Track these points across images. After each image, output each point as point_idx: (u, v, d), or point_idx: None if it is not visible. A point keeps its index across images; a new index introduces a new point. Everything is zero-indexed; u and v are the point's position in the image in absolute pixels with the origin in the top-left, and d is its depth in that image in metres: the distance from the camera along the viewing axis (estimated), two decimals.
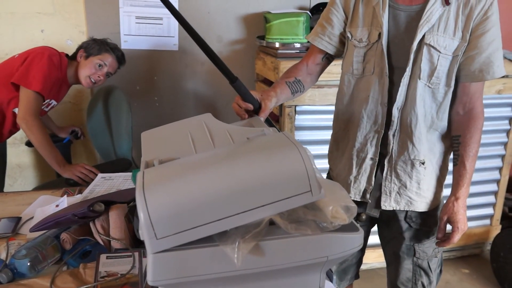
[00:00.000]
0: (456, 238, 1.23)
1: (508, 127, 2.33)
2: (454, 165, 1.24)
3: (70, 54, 1.88)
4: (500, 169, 2.40)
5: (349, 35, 1.24)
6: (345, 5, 1.25)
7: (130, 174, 1.51)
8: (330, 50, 1.29)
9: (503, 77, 2.16)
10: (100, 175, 1.55)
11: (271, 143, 0.73)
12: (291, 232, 0.68)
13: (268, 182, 0.65)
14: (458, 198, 1.22)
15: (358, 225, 0.75)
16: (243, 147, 0.74)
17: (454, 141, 1.24)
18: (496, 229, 2.47)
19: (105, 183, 1.46)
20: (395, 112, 1.19)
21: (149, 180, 0.67)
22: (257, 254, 0.67)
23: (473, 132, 1.20)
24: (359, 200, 1.31)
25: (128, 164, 1.82)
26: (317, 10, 2.25)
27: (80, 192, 1.43)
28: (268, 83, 2.15)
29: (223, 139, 0.84)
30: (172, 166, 0.72)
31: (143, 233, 0.64)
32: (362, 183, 1.29)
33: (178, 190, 0.64)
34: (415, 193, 1.26)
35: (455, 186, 1.23)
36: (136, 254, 1.02)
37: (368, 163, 1.27)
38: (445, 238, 1.25)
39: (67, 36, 2.14)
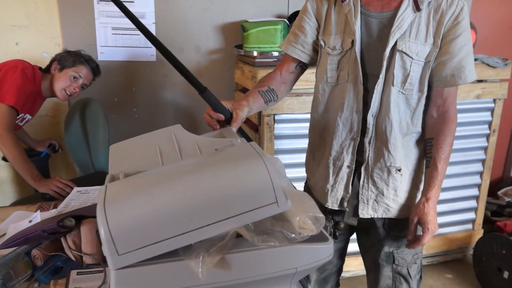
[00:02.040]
0: (426, 239, 1.20)
1: (488, 131, 2.36)
2: (426, 167, 1.24)
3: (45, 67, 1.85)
4: (481, 173, 2.42)
5: (322, 43, 1.24)
6: (317, 13, 1.25)
7: None
8: (304, 58, 1.29)
9: (481, 81, 2.22)
10: (75, 189, 1.52)
11: (237, 155, 0.72)
12: (258, 244, 0.67)
13: (232, 194, 0.64)
14: (429, 199, 1.20)
15: (327, 234, 0.74)
16: (208, 159, 0.73)
17: (428, 144, 1.24)
18: (479, 234, 2.48)
19: (80, 197, 1.43)
20: (370, 119, 1.20)
21: (111, 194, 0.66)
22: (223, 267, 0.66)
23: (446, 134, 1.20)
24: (337, 208, 1.30)
25: (105, 178, 1.79)
26: (294, 18, 2.22)
27: (55, 206, 1.40)
28: (247, 92, 2.14)
29: (191, 150, 0.83)
30: (135, 179, 0.70)
31: (105, 249, 0.62)
32: (340, 192, 1.28)
33: (140, 204, 0.63)
34: (392, 200, 1.26)
35: (426, 187, 1.22)
36: (108, 269, 0.99)
37: (344, 171, 1.26)
38: (415, 239, 1.23)
39: (43, 48, 2.11)
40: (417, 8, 1.13)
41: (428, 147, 1.24)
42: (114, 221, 0.61)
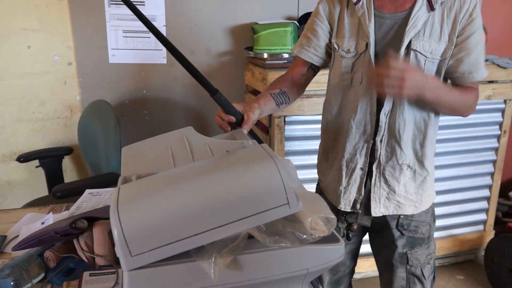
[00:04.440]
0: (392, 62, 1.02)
1: (498, 132, 2.34)
2: None
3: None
4: (491, 174, 2.40)
5: (335, 46, 1.24)
6: (329, 16, 1.25)
7: None
8: (316, 61, 1.30)
9: (492, 82, 2.20)
10: (87, 191, 1.54)
11: (248, 156, 0.73)
12: (270, 245, 0.67)
13: (244, 196, 0.65)
14: (428, 76, 1.12)
15: (338, 235, 0.74)
16: (220, 161, 0.74)
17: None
18: (490, 235, 2.46)
19: (92, 199, 1.44)
20: (383, 118, 1.20)
21: (124, 196, 0.66)
22: (235, 268, 0.66)
23: (468, 93, 1.17)
24: (350, 210, 1.30)
25: (116, 178, 1.81)
26: (304, 20, 2.26)
27: (67, 208, 1.41)
28: (258, 94, 2.14)
29: (203, 152, 0.83)
30: (148, 181, 0.71)
31: (118, 251, 0.63)
32: (352, 194, 1.28)
33: (152, 206, 0.63)
34: (403, 197, 1.26)
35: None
36: (120, 270, 1.00)
37: (358, 173, 1.26)
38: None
39: (54, 51, 2.14)
40: (431, 7, 1.13)
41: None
42: (127, 222, 0.62)
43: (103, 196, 1.48)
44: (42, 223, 1.27)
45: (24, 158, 2.10)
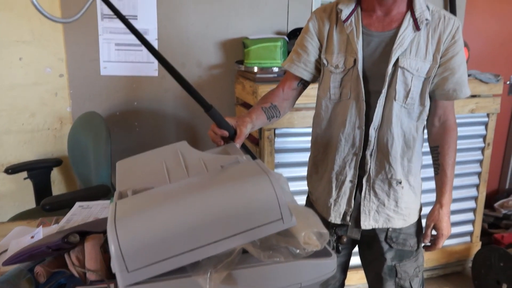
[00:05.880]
0: (441, 243, 1.32)
1: (482, 145, 2.40)
2: (435, 174, 1.33)
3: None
4: (477, 186, 2.45)
5: (325, 61, 1.28)
6: (319, 33, 1.29)
7: (108, 202, 1.49)
8: (306, 76, 1.33)
9: (475, 96, 2.27)
10: (77, 203, 1.53)
11: (242, 172, 0.74)
12: (264, 260, 0.69)
13: (239, 212, 0.66)
14: (443, 205, 1.31)
15: (330, 250, 0.76)
16: (215, 176, 0.75)
17: (434, 152, 1.33)
18: (477, 246, 2.50)
19: (82, 212, 1.43)
20: (372, 132, 1.23)
21: (121, 212, 0.67)
22: (230, 283, 0.67)
23: (450, 142, 1.29)
24: (340, 223, 1.32)
25: (106, 191, 1.81)
26: (294, 35, 2.31)
27: (57, 222, 1.40)
28: (248, 106, 2.17)
29: (197, 167, 0.85)
30: (144, 197, 0.72)
31: (114, 266, 0.64)
32: (342, 206, 1.31)
33: (149, 222, 0.64)
34: (393, 210, 1.29)
35: (439, 194, 1.32)
36: (112, 285, 1.00)
37: (347, 185, 1.29)
38: (431, 243, 1.34)
39: (46, 63, 2.14)
40: (417, 27, 1.18)
41: (434, 155, 1.32)
42: (125, 238, 0.63)
43: (94, 209, 1.47)
44: (32, 237, 1.26)
45: (12, 169, 2.08)
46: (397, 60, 1.18)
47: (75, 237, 1.04)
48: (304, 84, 1.36)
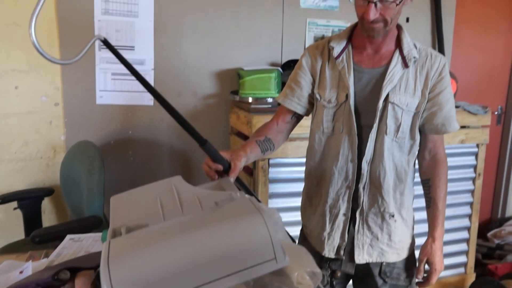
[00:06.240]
0: (434, 279, 1.30)
1: (473, 175, 2.43)
2: (427, 207, 1.33)
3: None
4: (469, 216, 2.47)
5: (318, 96, 1.31)
6: (312, 69, 1.32)
7: (99, 234, 1.47)
8: (300, 110, 1.36)
9: (464, 127, 2.31)
10: (68, 236, 1.51)
11: (236, 211, 0.75)
12: None
13: (233, 252, 0.66)
14: (435, 239, 1.30)
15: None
16: (209, 215, 0.76)
17: (425, 185, 1.34)
18: (471, 277, 2.49)
19: (73, 245, 1.41)
20: (364, 166, 1.25)
21: (114, 251, 0.67)
22: None
23: (441, 174, 1.31)
24: (334, 257, 1.32)
25: (98, 222, 1.79)
26: (288, 66, 2.36)
27: (47, 255, 1.38)
28: (242, 136, 2.19)
29: (192, 204, 0.85)
30: (137, 236, 0.72)
31: None
32: (336, 240, 1.31)
33: (142, 262, 0.64)
34: (386, 244, 1.29)
35: (431, 227, 1.32)
36: None
37: (341, 219, 1.30)
38: (424, 279, 1.32)
39: (42, 92, 2.15)
40: (405, 65, 1.22)
41: (425, 188, 1.34)
42: (118, 279, 0.63)
43: (85, 242, 1.45)
44: (21, 272, 1.23)
45: (2, 199, 2.05)
46: (388, 95, 1.22)
47: (66, 274, 1.02)
48: (298, 117, 1.39)
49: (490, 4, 2.99)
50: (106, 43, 1.05)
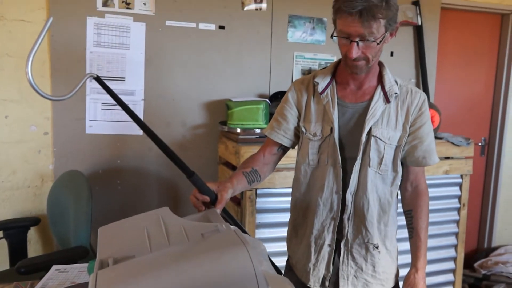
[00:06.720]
0: None
1: (458, 205, 2.47)
2: (410, 238, 1.36)
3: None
4: (455, 246, 2.49)
5: (303, 129, 1.35)
6: (297, 103, 1.37)
7: (86, 265, 1.47)
8: (286, 142, 1.40)
9: (448, 158, 2.38)
10: (54, 267, 1.49)
11: (222, 243, 0.77)
12: None
13: (217, 283, 0.68)
14: (418, 269, 1.31)
15: None
16: (195, 247, 0.78)
17: (407, 216, 1.37)
18: None
19: (59, 276, 1.40)
20: (349, 197, 1.28)
21: (102, 283, 0.68)
22: None
23: (422, 205, 1.35)
24: None
25: (84, 253, 1.77)
26: (275, 97, 2.42)
27: (32, 286, 1.36)
28: (230, 166, 2.22)
29: (178, 235, 0.87)
30: (124, 267, 0.73)
31: None
32: (321, 270, 1.32)
33: None
34: (370, 275, 1.31)
35: (414, 258, 1.33)
36: None
37: (326, 249, 1.31)
38: None
39: (32, 121, 2.17)
40: (387, 100, 1.28)
41: (408, 219, 1.36)
42: None
43: (71, 273, 1.44)
44: None
45: None
46: (370, 129, 1.27)
47: None
48: (284, 149, 1.43)
49: (471, 39, 3.14)
50: (98, 80, 1.09)
